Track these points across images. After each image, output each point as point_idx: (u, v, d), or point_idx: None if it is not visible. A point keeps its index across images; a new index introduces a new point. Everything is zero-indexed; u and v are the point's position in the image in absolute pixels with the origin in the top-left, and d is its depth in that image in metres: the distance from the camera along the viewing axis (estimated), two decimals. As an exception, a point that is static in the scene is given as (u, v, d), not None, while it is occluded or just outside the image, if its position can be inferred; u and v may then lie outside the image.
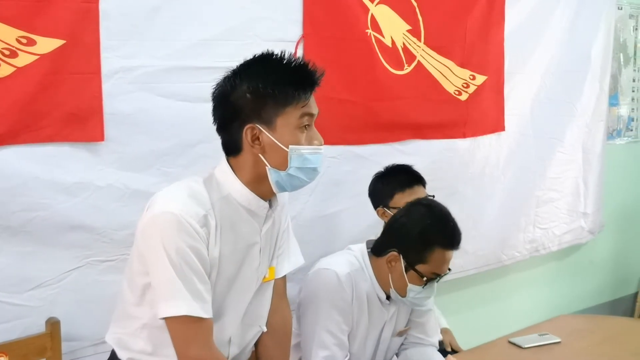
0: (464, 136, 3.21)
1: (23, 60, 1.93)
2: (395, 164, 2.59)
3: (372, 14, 2.77)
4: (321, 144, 1.63)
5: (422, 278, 1.98)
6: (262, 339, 1.86)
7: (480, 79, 3.21)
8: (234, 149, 1.62)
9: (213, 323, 1.60)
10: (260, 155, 1.59)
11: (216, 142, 2.25)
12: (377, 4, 2.78)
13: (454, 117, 3.15)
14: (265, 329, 1.84)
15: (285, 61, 1.59)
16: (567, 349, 2.26)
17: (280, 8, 2.48)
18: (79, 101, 2.04)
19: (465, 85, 3.16)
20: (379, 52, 2.80)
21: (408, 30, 2.90)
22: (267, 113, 1.56)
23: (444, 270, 2.01)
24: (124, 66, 2.12)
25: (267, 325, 1.85)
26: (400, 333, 2.18)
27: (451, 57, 3.08)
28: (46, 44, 1.96)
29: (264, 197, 1.65)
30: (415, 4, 2.92)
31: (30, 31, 1.93)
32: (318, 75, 1.61)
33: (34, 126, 1.97)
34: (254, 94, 1.56)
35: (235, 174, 1.63)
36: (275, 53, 1.62)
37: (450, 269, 2.04)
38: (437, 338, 2.34)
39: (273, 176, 1.60)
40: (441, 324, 2.81)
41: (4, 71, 1.90)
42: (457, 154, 3.19)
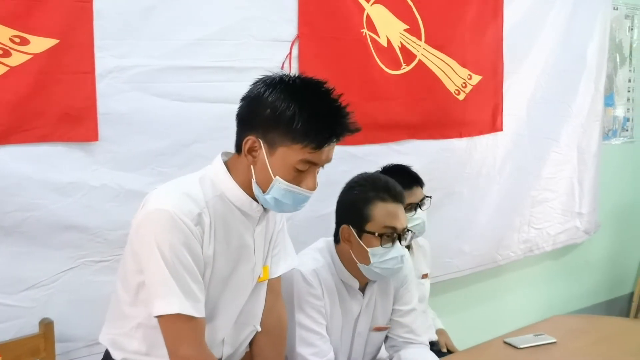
0: (461, 136, 3.21)
1: (16, 59, 1.92)
2: (393, 164, 2.58)
3: (367, 14, 2.77)
4: (311, 190, 1.59)
5: (375, 234, 1.97)
6: (257, 338, 1.86)
7: (476, 78, 3.21)
8: (238, 146, 1.61)
9: (205, 322, 1.60)
10: (251, 166, 1.58)
11: (211, 142, 2.27)
12: (373, 3, 2.78)
13: (451, 117, 3.15)
14: (259, 329, 1.84)
15: (326, 101, 1.53)
16: (562, 349, 2.26)
17: (275, 8, 2.48)
18: (73, 101, 2.03)
19: (464, 85, 3.16)
20: (374, 52, 2.80)
21: (406, 30, 2.90)
22: (274, 137, 1.53)
23: (395, 223, 1.98)
24: (119, 66, 2.12)
25: (262, 325, 1.85)
26: (379, 329, 2.17)
27: (453, 56, 3.09)
28: (40, 44, 1.95)
29: (257, 200, 1.65)
30: (411, 3, 2.92)
31: (23, 30, 1.92)
32: (350, 130, 1.55)
33: (27, 126, 1.97)
34: (273, 112, 1.51)
35: (231, 173, 1.63)
36: (324, 85, 1.55)
37: (409, 230, 2.03)
38: (428, 337, 2.34)
39: (255, 190, 1.60)
40: (436, 325, 2.82)
41: (-3, 71, 1.89)
42: (453, 154, 3.19)
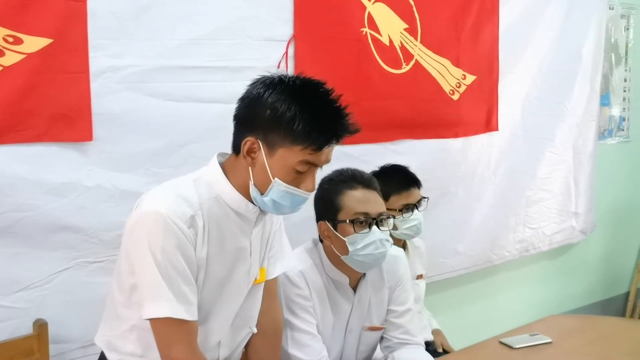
0: (456, 136, 3.22)
1: (10, 59, 1.91)
2: (391, 165, 2.58)
3: (369, 12, 2.76)
4: (309, 191, 1.59)
5: (347, 222, 1.98)
6: (253, 340, 1.85)
7: (470, 78, 3.21)
8: (236, 147, 1.60)
9: (198, 325, 1.59)
10: (250, 167, 1.57)
11: (206, 142, 2.26)
12: (375, 2, 2.78)
13: (446, 117, 3.15)
14: (255, 330, 1.83)
15: (326, 102, 1.53)
16: (558, 349, 2.25)
17: (271, 7, 2.48)
18: (67, 101, 2.03)
19: (458, 85, 3.16)
20: (375, 51, 2.80)
21: (405, 29, 2.90)
22: (274, 138, 1.52)
23: (367, 208, 1.98)
24: (113, 65, 2.11)
25: (258, 327, 1.84)
26: (373, 329, 2.16)
27: (447, 56, 3.09)
28: (33, 43, 1.94)
29: (253, 202, 1.63)
30: (412, 2, 2.92)
31: (17, 30, 1.91)
32: (350, 131, 1.54)
33: (21, 126, 1.96)
34: (273, 113, 1.50)
35: (228, 175, 1.61)
36: (324, 86, 1.55)
37: (391, 216, 2.04)
38: (423, 337, 2.33)
39: (252, 192, 1.58)
40: (432, 325, 2.82)
41: (-10, 70, 1.88)
42: (449, 154, 3.19)
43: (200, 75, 2.30)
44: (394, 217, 2.08)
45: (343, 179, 2.05)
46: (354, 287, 2.11)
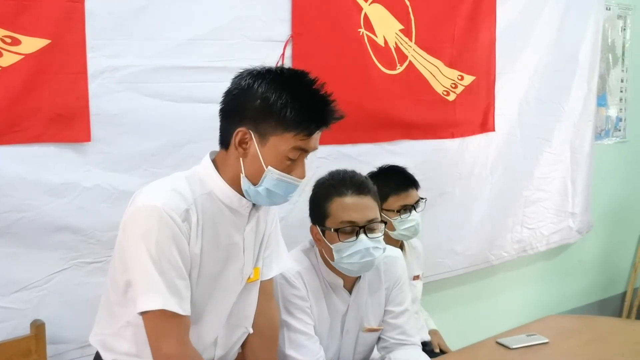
0: (453, 136, 3.22)
1: (7, 60, 1.91)
2: (389, 165, 2.58)
3: (365, 13, 2.77)
4: (301, 178, 1.61)
5: (331, 230, 1.97)
6: (249, 340, 1.86)
7: (469, 79, 3.21)
8: (225, 141, 1.61)
9: (190, 321, 1.58)
10: (241, 159, 1.58)
11: (204, 142, 2.25)
12: (371, 3, 2.78)
13: (442, 118, 3.15)
14: (251, 331, 1.84)
15: (312, 89, 1.56)
16: (554, 349, 2.26)
17: (269, 7, 2.48)
18: (65, 101, 2.02)
19: (454, 86, 3.16)
20: (371, 52, 2.80)
21: (400, 30, 2.91)
22: (266, 127, 1.54)
23: (353, 217, 1.96)
24: (111, 66, 2.11)
25: (254, 327, 1.84)
26: (371, 330, 2.17)
27: (440, 57, 3.09)
28: (31, 44, 1.94)
29: (246, 197, 1.64)
30: (408, 3, 2.92)
31: (15, 31, 1.91)
32: (336, 117, 1.58)
33: (19, 126, 1.96)
34: (264, 103, 1.53)
35: (219, 170, 1.62)
36: (309, 76, 1.59)
37: (378, 221, 2.00)
38: (420, 338, 2.33)
39: (244, 184, 1.59)
40: (429, 325, 2.82)
41: (-12, 71, 1.88)
42: (446, 154, 3.19)
43: (199, 75, 2.30)
44: (385, 223, 2.05)
45: (333, 184, 2.03)
46: (349, 289, 2.11)
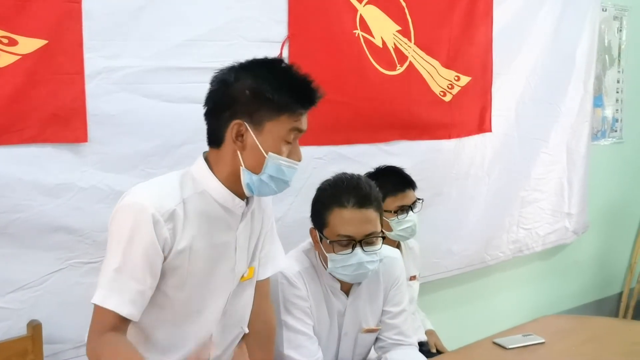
0: (450, 137, 3.22)
1: (4, 60, 1.91)
2: (386, 166, 2.58)
3: (360, 15, 2.77)
4: (299, 160, 1.64)
5: (328, 242, 1.96)
6: (245, 341, 1.86)
7: (465, 79, 3.22)
8: (217, 139, 1.62)
9: (127, 325, 1.57)
10: (239, 152, 1.59)
11: (200, 143, 2.23)
12: (366, 4, 2.78)
13: (439, 118, 3.16)
14: (247, 331, 1.84)
15: (294, 73, 1.60)
16: (551, 349, 2.26)
17: (265, 8, 2.48)
18: (62, 102, 2.02)
19: (450, 87, 3.16)
20: (368, 53, 2.80)
21: (398, 31, 2.91)
22: (260, 116, 1.56)
23: (350, 231, 1.93)
24: (108, 66, 2.11)
25: (250, 328, 1.85)
26: (370, 331, 2.17)
27: (437, 57, 3.10)
28: (28, 44, 1.94)
29: (240, 196, 1.65)
30: (404, 4, 2.92)
31: (11, 31, 1.91)
32: (319, 95, 1.61)
33: (16, 127, 1.96)
34: (254, 93, 1.55)
35: (213, 170, 1.63)
36: (287, 64, 1.63)
37: (376, 235, 1.96)
38: (417, 338, 2.33)
39: (245, 177, 1.60)
40: (426, 325, 2.82)
41: (-15, 71, 1.88)
42: (442, 154, 3.20)
43: (195, 76, 2.29)
44: (384, 237, 2.02)
45: (335, 193, 1.99)
46: (346, 292, 2.11)
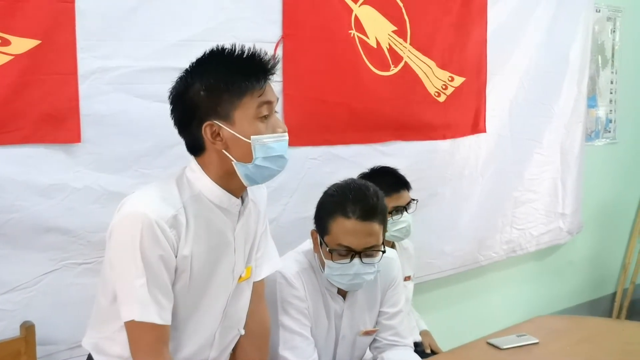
0: (444, 138, 3.22)
1: (-3, 60, 1.90)
2: (380, 166, 2.58)
3: (355, 15, 2.77)
4: (284, 131, 1.61)
5: (327, 249, 1.96)
6: (240, 342, 1.86)
7: (459, 80, 3.22)
8: (198, 148, 1.61)
9: (169, 330, 1.58)
10: (224, 151, 1.58)
11: (195, 144, 2.24)
12: (361, 4, 2.78)
13: (434, 119, 3.16)
14: (243, 332, 1.84)
15: (235, 53, 1.57)
16: (545, 349, 2.27)
17: (259, 9, 2.47)
18: (55, 102, 2.01)
19: (444, 87, 3.17)
20: (362, 53, 2.80)
21: (394, 31, 2.91)
22: (224, 108, 1.55)
23: (351, 242, 1.92)
24: (101, 67, 2.10)
25: (246, 329, 1.84)
26: (368, 333, 2.17)
27: (433, 58, 3.10)
28: (21, 44, 1.93)
29: (235, 194, 1.65)
30: (401, 4, 2.92)
31: (4, 31, 1.90)
32: (272, 63, 1.59)
33: (9, 127, 1.95)
34: (207, 90, 1.55)
35: (205, 173, 1.62)
36: (226, 47, 1.59)
37: (377, 248, 1.94)
38: (412, 339, 2.33)
39: (241, 170, 1.59)
40: (420, 326, 2.83)
41: (-22, 72, 1.87)
42: (437, 155, 3.20)
43: (189, 76, 2.29)
44: (383, 252, 2.00)
45: (341, 200, 1.96)
46: (343, 295, 2.11)
